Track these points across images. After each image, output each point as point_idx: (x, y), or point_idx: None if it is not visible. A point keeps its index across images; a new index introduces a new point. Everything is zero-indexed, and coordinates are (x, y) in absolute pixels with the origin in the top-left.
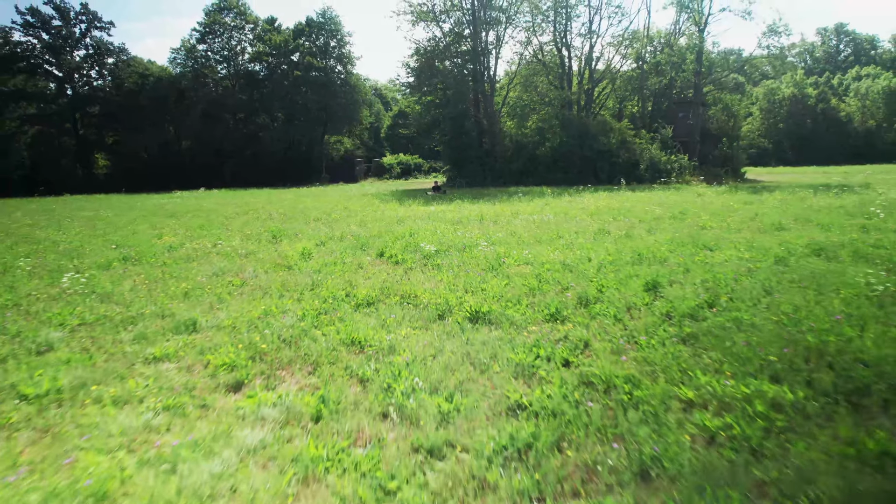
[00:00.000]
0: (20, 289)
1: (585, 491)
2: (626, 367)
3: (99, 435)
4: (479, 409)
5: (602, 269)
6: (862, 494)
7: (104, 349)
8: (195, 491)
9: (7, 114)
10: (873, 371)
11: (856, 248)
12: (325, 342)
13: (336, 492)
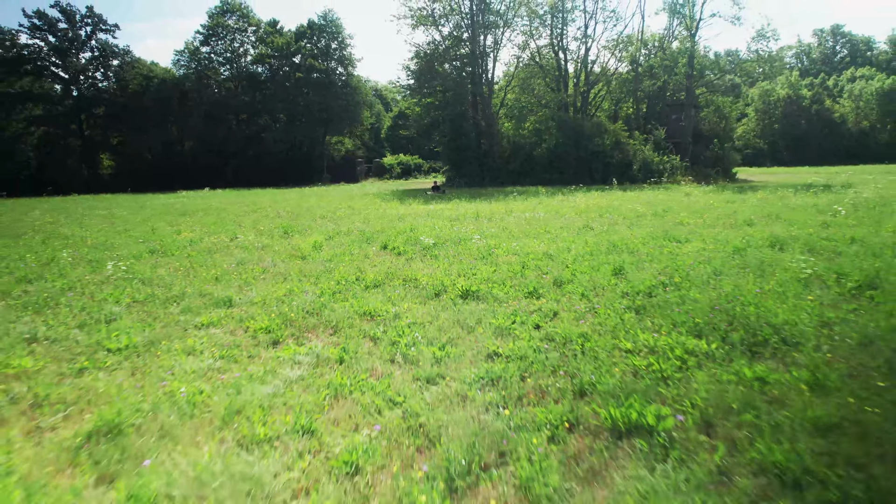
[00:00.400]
0: (69, 275)
1: (537, 403)
2: (583, 328)
3: (178, 371)
4: (464, 355)
5: (579, 258)
6: (728, 398)
7: (159, 319)
8: (258, 403)
9: (13, 115)
10: (774, 330)
11: (807, 241)
12: (341, 312)
13: (359, 402)
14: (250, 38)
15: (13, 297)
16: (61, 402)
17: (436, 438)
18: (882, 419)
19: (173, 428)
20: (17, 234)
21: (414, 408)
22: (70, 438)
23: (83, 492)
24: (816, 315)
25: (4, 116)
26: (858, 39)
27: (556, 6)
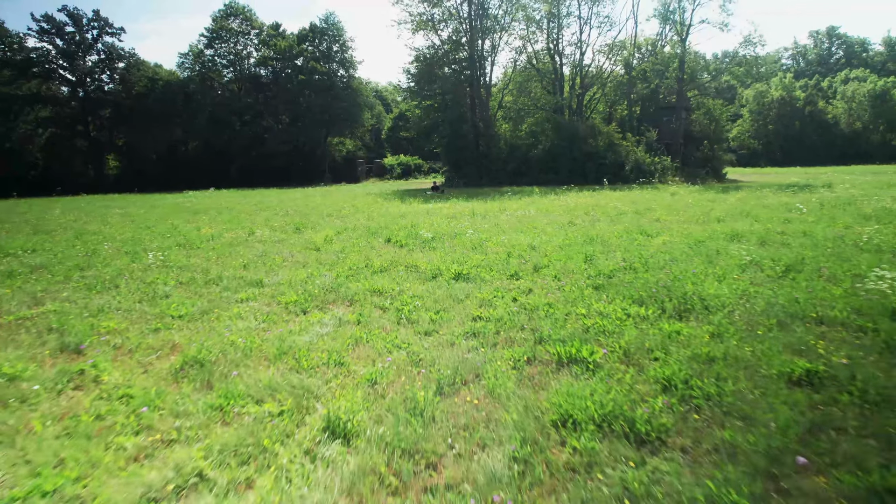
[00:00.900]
0: (115, 264)
1: (506, 347)
2: (550, 299)
3: (233, 329)
4: (454, 319)
5: (558, 249)
6: (646, 342)
7: (205, 296)
8: (299, 347)
9: (21, 117)
10: (701, 301)
11: (762, 235)
12: (355, 289)
13: (374, 347)
14: (253, 41)
15: (75, 281)
16: (151, 349)
17: (430, 366)
18: (750, 354)
19: (240, 360)
20: (49, 230)
21: (415, 349)
22: (167, 369)
23: (191, 395)
24: (741, 290)
25: (13, 118)
26: (853, 41)
27: (552, 12)
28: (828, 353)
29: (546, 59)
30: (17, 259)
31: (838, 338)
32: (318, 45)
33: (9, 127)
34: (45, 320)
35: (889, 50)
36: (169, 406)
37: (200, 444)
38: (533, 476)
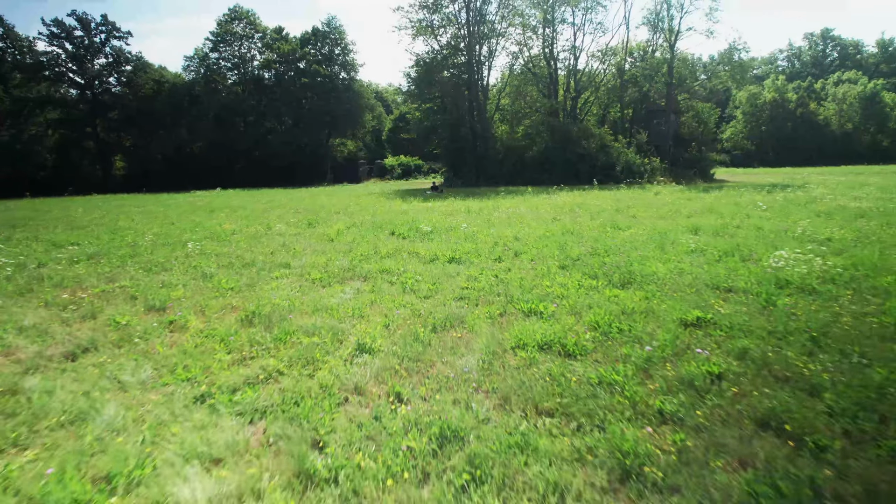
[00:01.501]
0: (160, 253)
1: (485, 305)
2: (522, 275)
3: (276, 295)
4: (446, 288)
5: (537, 239)
6: (589, 301)
7: (245, 275)
8: (330, 305)
9: (32, 119)
10: (643, 276)
11: (718, 228)
12: (367, 269)
13: (385, 306)
14: (257, 44)
15: (131, 265)
16: (217, 308)
17: (428, 316)
18: (663, 308)
19: (287, 313)
20: (82, 227)
21: (417, 307)
22: (235, 319)
23: (256, 335)
24: (677, 269)
25: (23, 121)
26: (847, 43)
27: (547, 18)
28: (719, 308)
29: (542, 64)
30: (72, 249)
31: (734, 299)
32: (320, 48)
33: (19, 129)
34: (124, 291)
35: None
36: (245, 338)
37: (275, 358)
38: (491, 369)
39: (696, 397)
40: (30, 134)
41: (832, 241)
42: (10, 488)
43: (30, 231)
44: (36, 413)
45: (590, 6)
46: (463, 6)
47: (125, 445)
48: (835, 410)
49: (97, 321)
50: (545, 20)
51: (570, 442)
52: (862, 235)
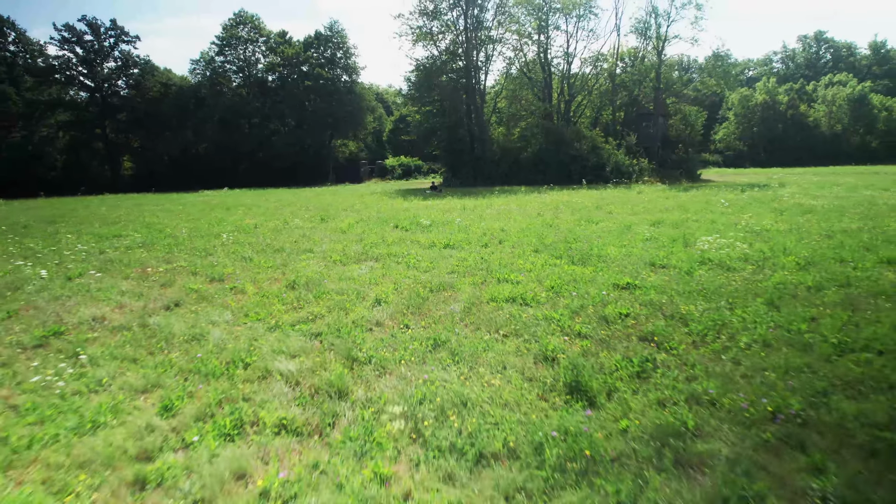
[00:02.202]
0: (199, 241)
1: (470, 276)
2: (503, 256)
3: (307, 270)
4: (441, 266)
5: (520, 231)
6: (543, 273)
7: (277, 257)
8: (351, 276)
9: (43, 121)
10: (598, 257)
11: (678, 222)
12: (378, 252)
13: (394, 277)
14: (261, 48)
15: (179, 252)
16: (263, 280)
17: (427, 283)
18: (605, 277)
19: (319, 281)
20: (114, 223)
21: (419, 278)
22: (280, 286)
23: (300, 295)
24: (627, 252)
25: (35, 123)
26: (840, 45)
27: (542, 26)
28: (647, 277)
29: (536, 69)
30: (121, 240)
31: (663, 272)
32: (322, 51)
33: (31, 130)
34: (184, 269)
35: (875, 53)
36: (292, 297)
37: (317, 307)
38: (470, 312)
39: (605, 325)
40: (41, 135)
41: (766, 231)
42: (173, 367)
43: (70, 226)
44: (167, 335)
45: (582, 14)
46: (461, 13)
47: (235, 348)
48: (692, 331)
49: (174, 288)
50: (540, 27)
51: (515, 345)
52: (795, 227)
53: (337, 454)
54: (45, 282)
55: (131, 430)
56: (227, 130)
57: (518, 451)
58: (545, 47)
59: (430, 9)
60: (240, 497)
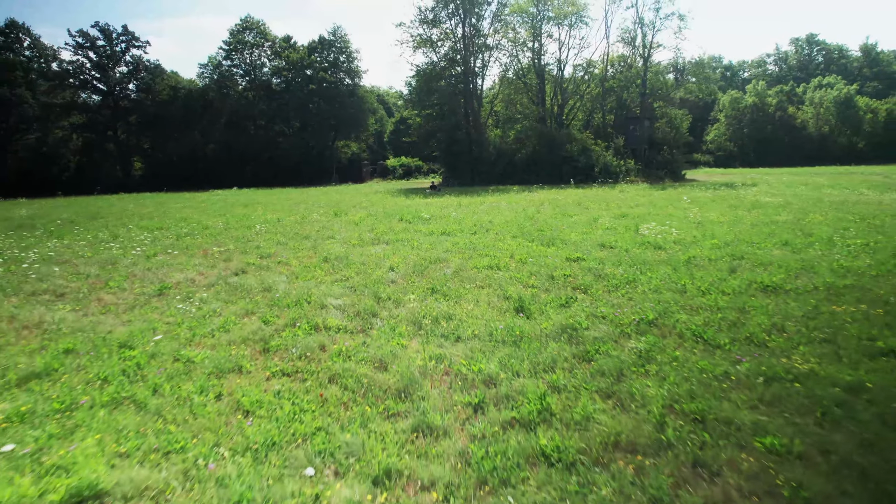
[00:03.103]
0: (236, 232)
1: (459, 253)
2: (486, 241)
3: (332, 249)
4: (439, 247)
5: (504, 222)
6: (523, 254)
7: (307, 242)
8: (369, 254)
9: (57, 123)
10: (562, 241)
11: (640, 215)
12: (389, 238)
13: (403, 253)
14: (266, 52)
15: (223, 239)
16: (301, 257)
17: (428, 258)
18: (562, 254)
19: (346, 256)
20: (150, 217)
21: (421, 254)
22: (315, 261)
23: (334, 265)
24: (584, 237)
25: (50, 125)
26: (832, 47)
27: (536, 34)
28: (594, 253)
29: (531, 74)
30: (168, 231)
31: (608, 250)
32: (326, 56)
33: (45, 132)
34: (236, 250)
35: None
36: (328, 266)
37: (348, 272)
38: (457, 274)
39: (551, 281)
40: (55, 137)
41: (708, 222)
42: (260, 304)
43: (112, 221)
44: (246, 288)
45: (573, 23)
46: (459, 22)
47: (298, 293)
48: (609, 284)
49: (234, 262)
50: (534, 35)
51: (487, 292)
52: (735, 219)
53: (374, 338)
54: (133, 259)
55: (251, 329)
56: (233, 132)
57: (479, 335)
58: (539, 54)
59: (430, 17)
60: (325, 354)
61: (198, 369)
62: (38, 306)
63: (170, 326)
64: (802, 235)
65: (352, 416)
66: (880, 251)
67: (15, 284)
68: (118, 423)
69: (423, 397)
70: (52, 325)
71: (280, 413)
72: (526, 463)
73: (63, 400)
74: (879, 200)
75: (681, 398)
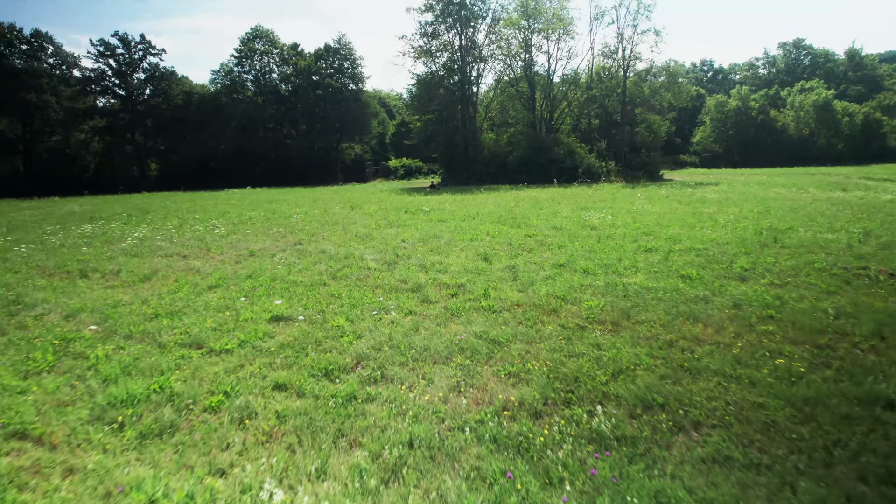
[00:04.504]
0: (278, 222)
1: (451, 234)
2: (472, 225)
3: (358, 230)
4: (436, 229)
5: (489, 213)
6: (500, 237)
7: (336, 227)
8: (385, 233)
9: (80, 127)
10: (527, 224)
11: (597, 207)
12: (399, 223)
13: (409, 233)
14: (275, 59)
15: (269, 225)
16: (337, 234)
17: (429, 234)
18: (523, 233)
19: (369, 234)
20: (190, 212)
21: (423, 232)
22: (348, 236)
23: (363, 238)
24: (545, 222)
25: (73, 129)
26: (818, 52)
27: (527, 46)
28: (546, 232)
29: (523, 83)
30: (221, 220)
31: (557, 231)
32: (331, 62)
33: (67, 135)
34: (285, 232)
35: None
36: (358, 240)
37: (374, 243)
38: (449, 243)
39: (509, 246)
40: (77, 140)
41: (645, 211)
42: (320, 260)
43: (165, 214)
44: (308, 251)
45: (559, 37)
46: (457, 34)
47: (343, 253)
48: (546, 247)
49: (290, 238)
50: (525, 46)
51: (465, 252)
52: (666, 210)
53: (397, 271)
54: (216, 237)
55: (322, 269)
56: (244, 134)
57: (458, 270)
58: (530, 64)
59: (430, 30)
60: (370, 278)
61: (301, 285)
62: (178, 260)
63: (272, 268)
64: (703, 220)
65: (391, 297)
66: (741, 229)
67: (149, 251)
68: (273, 303)
69: (425, 292)
70: (197, 269)
71: (356, 295)
72: (473, 310)
73: (234, 297)
74: (813, 197)
75: (561, 293)
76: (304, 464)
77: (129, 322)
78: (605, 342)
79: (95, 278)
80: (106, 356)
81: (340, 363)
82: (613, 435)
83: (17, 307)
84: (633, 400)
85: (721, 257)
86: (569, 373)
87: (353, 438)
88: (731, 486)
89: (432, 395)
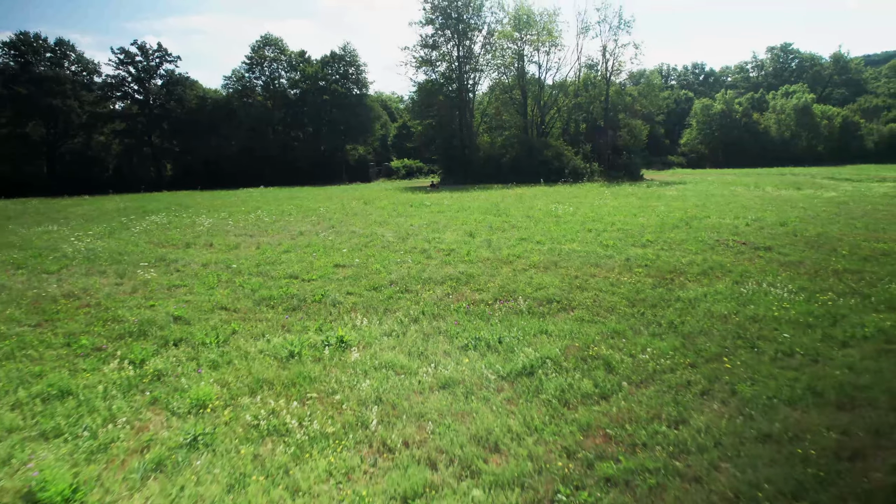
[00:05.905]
0: (311, 212)
1: (447, 222)
2: (464, 216)
3: (376, 218)
4: (435, 219)
5: (477, 208)
6: (476, 225)
7: (357, 217)
8: (397, 220)
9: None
10: (507, 214)
11: (568, 201)
12: (410, 213)
13: (415, 221)
14: (283, 65)
15: (306, 215)
16: (359, 221)
17: (430, 221)
18: (502, 220)
19: (385, 220)
20: (226, 207)
21: (426, 220)
22: (369, 221)
23: (382, 223)
24: (522, 213)
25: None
26: (805, 56)
27: (519, 56)
28: (520, 219)
29: (516, 91)
30: (260, 213)
31: (529, 218)
32: (337, 68)
33: (88, 137)
34: (319, 220)
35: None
36: (378, 224)
37: (390, 227)
38: (446, 226)
39: (490, 229)
40: (98, 142)
41: (603, 204)
42: (352, 237)
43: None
44: (343, 231)
45: (548, 49)
46: (455, 45)
47: (368, 232)
48: (516, 228)
49: (325, 224)
50: (517, 57)
51: (457, 231)
52: (624, 204)
53: (408, 243)
54: (266, 223)
55: (355, 243)
56: (254, 137)
57: (451, 241)
58: (522, 73)
59: (430, 41)
60: (391, 246)
61: (345, 248)
62: (248, 238)
63: (322, 241)
64: (645, 212)
65: (406, 256)
66: (668, 217)
67: (222, 232)
68: (333, 257)
69: (429, 252)
70: (268, 242)
71: (384, 254)
72: (459, 262)
73: (304, 256)
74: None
75: (517, 253)
76: (371, 319)
77: (246, 267)
78: (536, 276)
79: (197, 247)
80: (244, 282)
81: (381, 283)
82: (528, 311)
83: (163, 262)
84: (542, 298)
85: (637, 234)
86: (511, 288)
87: (394, 310)
88: (579, 326)
89: (434, 297)
